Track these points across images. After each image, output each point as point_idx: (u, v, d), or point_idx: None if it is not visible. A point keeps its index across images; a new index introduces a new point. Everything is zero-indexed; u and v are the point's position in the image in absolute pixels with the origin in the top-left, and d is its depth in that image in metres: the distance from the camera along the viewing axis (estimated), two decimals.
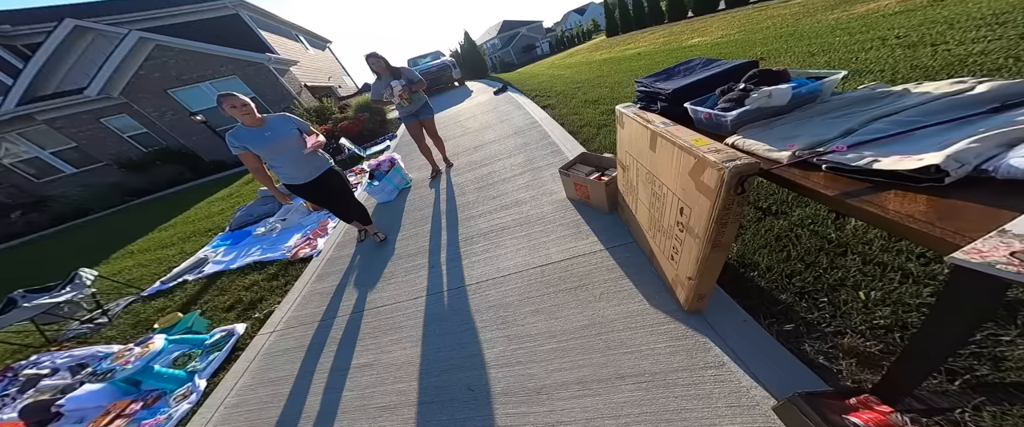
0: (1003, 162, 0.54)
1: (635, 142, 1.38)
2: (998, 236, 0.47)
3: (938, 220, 0.54)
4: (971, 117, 0.65)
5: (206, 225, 5.24)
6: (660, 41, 9.27)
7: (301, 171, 2.24)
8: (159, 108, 9.80)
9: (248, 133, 2.00)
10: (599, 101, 4.40)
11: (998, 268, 0.44)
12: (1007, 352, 0.92)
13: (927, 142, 0.64)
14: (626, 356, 1.31)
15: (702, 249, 1.06)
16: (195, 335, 2.33)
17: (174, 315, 2.64)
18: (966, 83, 0.77)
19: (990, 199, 0.54)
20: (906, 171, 0.60)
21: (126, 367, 1.94)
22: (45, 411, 1.96)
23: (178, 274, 3.62)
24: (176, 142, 10.62)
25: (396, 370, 1.62)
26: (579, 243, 2.00)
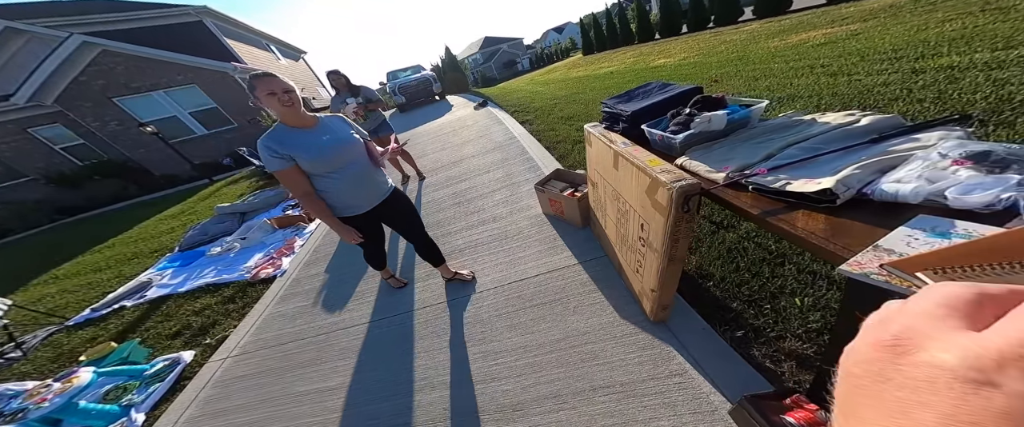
0: (878, 186, 0.69)
1: (601, 161, 1.53)
2: (872, 250, 0.60)
3: (833, 236, 0.68)
4: (856, 146, 0.82)
5: (152, 245, 4.89)
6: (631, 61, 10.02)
7: (364, 195, 1.59)
8: (101, 118, 9.23)
9: (295, 137, 1.36)
10: (574, 117, 4.67)
11: (871, 278, 0.56)
12: None
13: (826, 167, 0.80)
14: (598, 368, 1.39)
15: (661, 262, 1.18)
16: (132, 365, 2.16)
17: (107, 345, 2.44)
18: (854, 116, 0.96)
19: (870, 218, 0.68)
20: (809, 193, 0.74)
21: (42, 405, 1.75)
22: None
23: (114, 300, 3.34)
24: (120, 154, 9.98)
25: (366, 392, 1.60)
26: (554, 258, 2.09)
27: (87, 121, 9.16)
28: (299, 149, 1.36)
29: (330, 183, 1.48)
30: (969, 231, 0.56)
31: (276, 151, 1.34)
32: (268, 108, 1.31)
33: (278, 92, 1.29)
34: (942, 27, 3.89)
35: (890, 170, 0.73)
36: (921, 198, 0.63)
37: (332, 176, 1.47)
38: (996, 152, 0.62)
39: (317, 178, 1.46)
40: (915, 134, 0.79)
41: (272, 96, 1.28)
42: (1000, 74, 2.41)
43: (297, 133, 1.38)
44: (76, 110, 8.94)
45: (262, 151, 1.34)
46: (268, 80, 1.28)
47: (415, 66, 11.83)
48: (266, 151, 1.33)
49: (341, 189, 1.51)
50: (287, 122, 1.37)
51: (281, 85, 1.30)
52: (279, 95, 1.29)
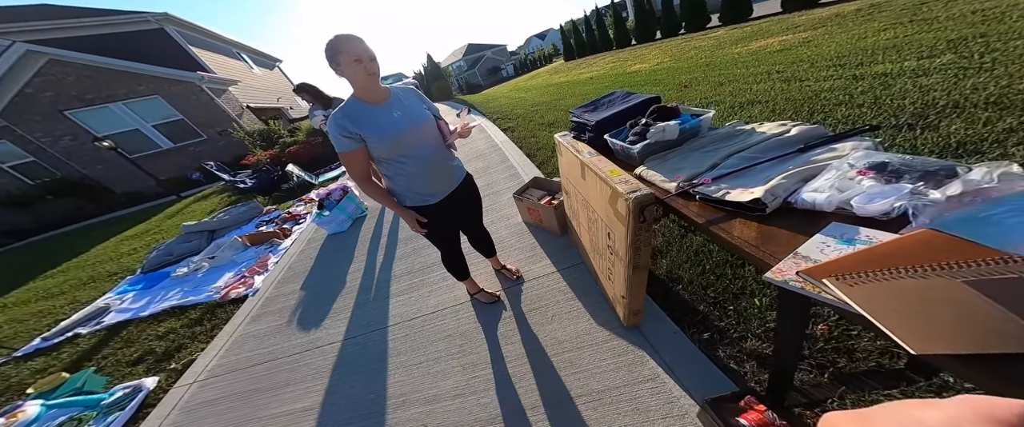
0: (799, 195, 0.79)
1: (571, 170, 1.61)
2: (792, 257, 0.67)
3: (762, 244, 0.76)
4: (786, 155, 0.92)
5: (111, 268, 4.68)
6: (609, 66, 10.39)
7: (439, 181, 1.41)
8: (51, 132, 8.79)
9: (369, 114, 1.20)
10: (554, 124, 4.81)
11: (791, 285, 0.61)
12: (855, 344, 1.19)
13: (759, 177, 0.89)
14: (576, 376, 1.44)
15: (626, 270, 1.25)
16: (87, 395, 2.08)
17: (58, 375, 2.34)
18: (786, 126, 1.06)
19: (794, 225, 0.76)
20: (744, 202, 0.83)
21: None
22: None
23: (68, 327, 3.19)
24: (75, 172, 9.49)
25: (342, 410, 1.60)
26: (535, 266, 2.15)
27: (36, 136, 8.70)
28: (372, 128, 1.18)
29: (400, 168, 1.27)
30: (870, 238, 0.64)
31: (348, 130, 1.16)
32: (349, 77, 1.13)
33: (364, 59, 1.11)
34: (878, 36, 4.26)
35: (811, 179, 0.82)
36: (833, 206, 0.72)
37: (402, 160, 1.26)
38: (892, 163, 0.72)
39: (385, 163, 1.27)
40: (834, 143, 0.89)
41: (358, 63, 1.10)
42: (925, 81, 2.66)
43: (371, 109, 1.20)
44: (23, 125, 8.48)
45: (332, 128, 1.18)
46: (355, 43, 1.09)
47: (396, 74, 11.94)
48: (337, 129, 1.17)
49: (413, 175, 1.30)
50: (364, 96, 1.20)
51: (368, 51, 1.12)
52: (365, 63, 1.12)
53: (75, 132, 8.93)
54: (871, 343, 1.17)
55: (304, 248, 3.55)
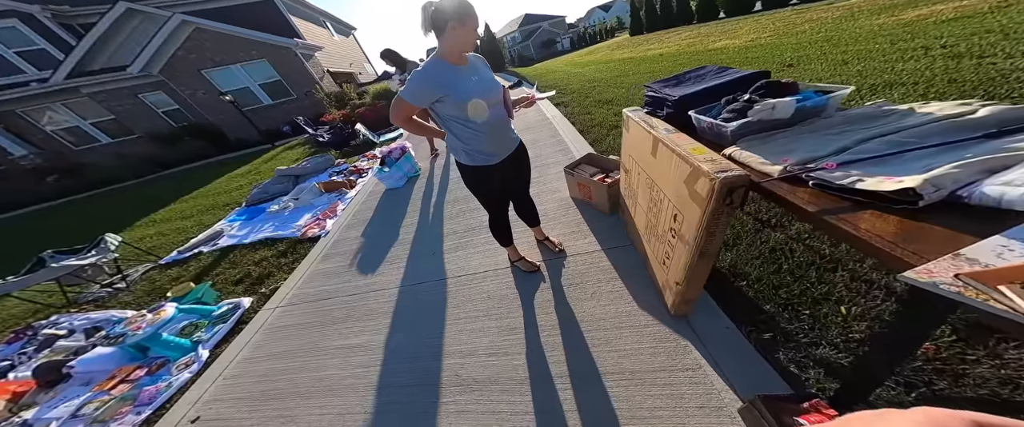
0: (977, 189, 0.54)
1: (638, 147, 1.39)
2: (951, 258, 0.48)
3: (902, 241, 0.55)
4: (964, 142, 0.64)
5: (224, 199, 5.45)
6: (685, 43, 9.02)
7: (501, 144, 1.42)
8: (192, 87, 10.28)
9: (454, 74, 1.22)
10: (613, 102, 4.36)
11: (942, 288, 0.45)
12: (969, 369, 0.94)
13: (913, 165, 0.63)
14: (610, 354, 1.36)
15: (691, 256, 1.06)
16: (204, 306, 2.41)
17: (187, 285, 2.72)
18: (970, 106, 0.75)
19: (958, 224, 0.54)
20: (885, 192, 0.60)
21: (136, 333, 2.02)
22: (56, 371, 2.05)
23: (194, 245, 3.78)
24: (205, 119, 11.07)
25: (389, 353, 1.67)
26: (578, 242, 2.01)
27: (181, 90, 10.26)
28: (454, 87, 1.21)
29: (469, 129, 1.30)
30: None
31: (426, 84, 1.19)
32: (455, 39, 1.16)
33: (472, 26, 1.16)
34: None
35: (1002, 171, 0.56)
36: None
37: (474, 122, 1.28)
38: None
39: (455, 121, 1.29)
40: None
41: (474, 30, 1.17)
42: None
43: (455, 70, 1.23)
44: (174, 81, 10.03)
45: (415, 81, 1.19)
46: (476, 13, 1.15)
47: None
48: (423, 83, 1.19)
49: (480, 136, 1.32)
50: (451, 59, 1.22)
51: (475, 16, 1.17)
52: (474, 31, 1.18)
53: (207, 88, 10.35)
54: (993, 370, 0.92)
55: (366, 199, 3.75)
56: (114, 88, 9.99)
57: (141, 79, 9.87)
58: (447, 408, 1.36)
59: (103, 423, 1.67)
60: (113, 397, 1.83)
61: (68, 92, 9.79)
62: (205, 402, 1.67)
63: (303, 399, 1.55)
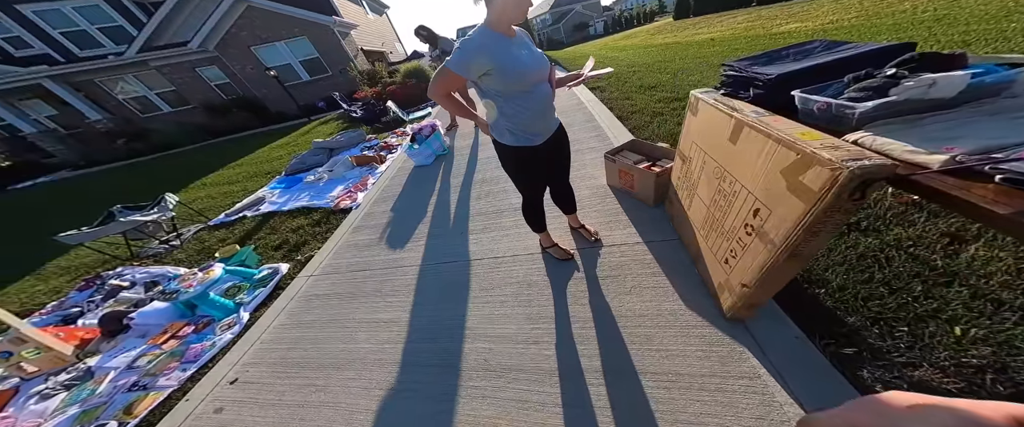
0: None
1: (709, 132, 1.17)
2: None
3: None
4: None
5: (266, 168, 5.64)
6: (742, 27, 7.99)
7: (545, 124, 1.30)
8: (241, 62, 10.73)
9: (503, 44, 1.09)
10: (657, 87, 3.98)
11: None
12: None
13: None
14: (650, 353, 1.24)
15: (773, 257, 0.87)
16: (246, 269, 2.47)
17: (232, 247, 2.81)
18: None
19: None
20: None
21: (188, 290, 2.08)
22: (118, 322, 2.17)
23: (239, 209, 3.92)
24: (251, 93, 11.56)
25: (415, 331, 1.61)
26: (615, 232, 1.83)
27: (232, 65, 10.74)
28: (504, 58, 1.08)
29: (515, 106, 1.17)
30: None
31: (473, 56, 1.06)
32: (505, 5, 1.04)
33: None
34: None
35: None
36: None
37: (521, 98, 1.16)
38: None
39: (501, 96, 1.16)
40: None
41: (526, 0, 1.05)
42: None
43: (504, 40, 1.10)
44: (226, 56, 10.52)
45: (463, 50, 1.07)
46: None
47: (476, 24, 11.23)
48: (469, 53, 1.06)
49: (525, 114, 1.19)
50: (501, 28, 1.09)
51: None
52: None
53: (254, 63, 10.75)
54: None
55: (395, 175, 3.70)
56: (176, 62, 10.66)
57: (199, 54, 10.41)
58: (472, 392, 1.28)
59: (153, 376, 1.75)
60: (164, 352, 1.91)
61: (138, 65, 10.56)
62: (243, 364, 1.70)
63: (333, 370, 1.54)
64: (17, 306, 2.90)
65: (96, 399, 1.68)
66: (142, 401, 1.61)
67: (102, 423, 1.53)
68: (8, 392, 1.85)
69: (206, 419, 1.46)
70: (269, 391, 1.51)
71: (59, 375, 1.90)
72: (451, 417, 1.22)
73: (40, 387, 1.84)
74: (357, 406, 1.34)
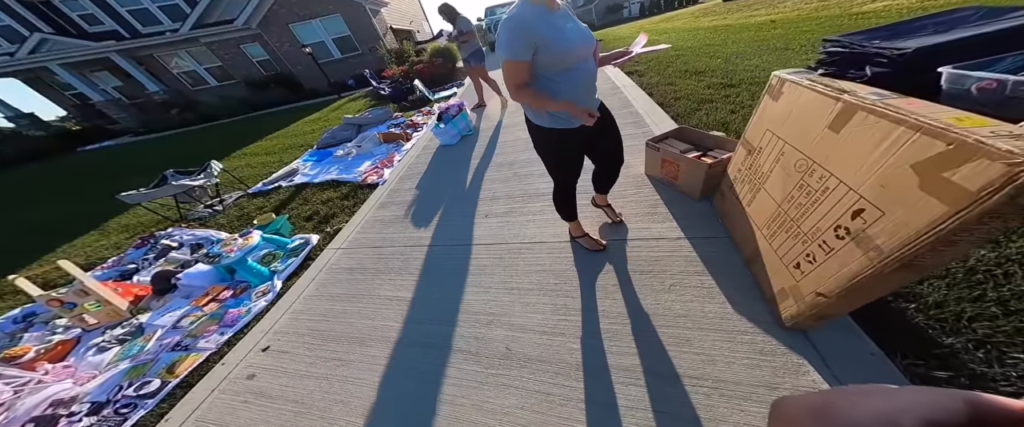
0: None
1: (797, 118, 0.96)
2: None
3: None
4: None
5: (300, 141, 5.74)
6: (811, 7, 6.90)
7: (589, 101, 1.20)
8: (280, 39, 10.93)
9: (549, 18, 1.00)
10: (706, 73, 3.59)
11: None
12: None
13: None
14: (690, 356, 1.13)
15: (875, 267, 0.71)
16: (280, 237, 2.51)
17: (269, 215, 2.88)
18: None
19: None
20: None
21: (230, 255, 2.14)
22: (167, 281, 2.26)
23: (275, 179, 4.02)
24: (288, 69, 11.84)
25: (438, 312, 1.56)
26: (653, 225, 1.67)
27: (272, 42, 10.97)
28: (552, 32, 0.98)
29: (560, 84, 1.07)
30: None
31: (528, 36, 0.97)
32: None
33: None
34: None
35: None
36: None
37: (563, 76, 1.07)
38: None
39: (544, 77, 1.07)
40: None
41: None
42: None
43: (549, 14, 1.00)
44: (267, 33, 10.76)
45: (509, 31, 0.98)
46: None
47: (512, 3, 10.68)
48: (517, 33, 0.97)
49: (566, 94, 1.10)
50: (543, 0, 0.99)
51: None
52: None
53: (291, 41, 10.92)
54: None
55: (420, 153, 3.63)
56: (223, 39, 11.08)
57: (243, 31, 10.75)
58: (494, 381, 1.22)
59: (194, 338, 1.81)
60: (205, 314, 1.98)
61: (190, 41, 11.08)
62: (275, 332, 1.72)
63: (358, 345, 1.52)
64: (83, 259, 3.14)
65: (144, 356, 1.77)
66: (183, 361, 1.67)
67: (148, 380, 1.60)
68: (70, 342, 1.99)
69: (239, 384, 1.48)
70: (298, 361, 1.52)
71: (115, 329, 2.02)
72: (472, 403, 1.16)
73: (98, 339, 1.96)
74: (381, 384, 1.31)
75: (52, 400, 1.55)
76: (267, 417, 1.30)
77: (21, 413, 1.48)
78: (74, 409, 1.51)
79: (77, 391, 1.61)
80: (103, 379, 1.66)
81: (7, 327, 2.26)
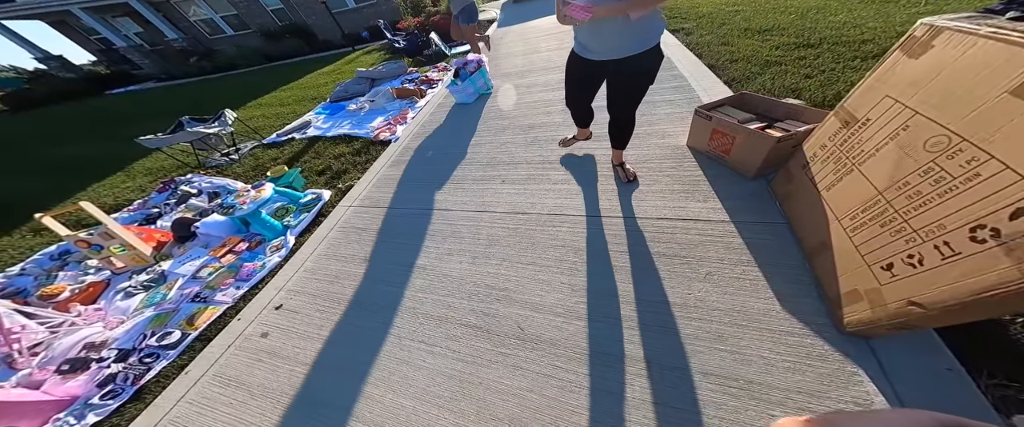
0: None
1: (953, 81, 0.69)
2: None
3: None
4: None
5: (313, 93, 5.55)
6: None
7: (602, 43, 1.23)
8: None
9: None
10: (773, 31, 3.03)
11: None
12: None
13: None
14: (719, 353, 1.02)
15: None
16: (293, 191, 2.45)
17: (281, 167, 2.80)
18: None
19: None
20: None
21: (243, 207, 2.09)
22: (187, 228, 2.26)
23: (289, 131, 3.92)
24: (301, 19, 11.28)
25: (449, 282, 1.47)
26: (691, 205, 1.46)
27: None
28: None
29: None
30: None
31: None
32: None
33: None
34: None
35: None
36: None
37: None
38: None
39: None
40: None
41: None
42: None
43: None
44: None
45: None
46: None
47: None
48: None
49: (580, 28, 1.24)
50: None
51: None
52: None
53: None
54: None
55: (434, 111, 3.39)
56: None
57: None
58: (504, 360, 1.15)
59: (212, 290, 1.82)
60: (222, 265, 1.99)
61: None
62: (288, 291, 1.70)
63: (369, 311, 1.47)
64: (111, 200, 3.23)
65: (167, 305, 1.80)
66: (202, 313, 1.68)
67: (169, 331, 1.62)
68: (101, 284, 2.06)
69: (253, 341, 1.48)
70: (309, 323, 1.49)
71: (140, 275, 2.07)
72: (480, 381, 1.10)
73: (124, 284, 2.01)
74: (389, 354, 1.27)
75: (85, 343, 1.61)
76: (279, 377, 1.30)
77: (57, 353, 1.55)
78: (104, 354, 1.57)
79: (107, 335, 1.66)
80: (129, 326, 1.70)
81: (45, 263, 2.37)
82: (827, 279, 0.98)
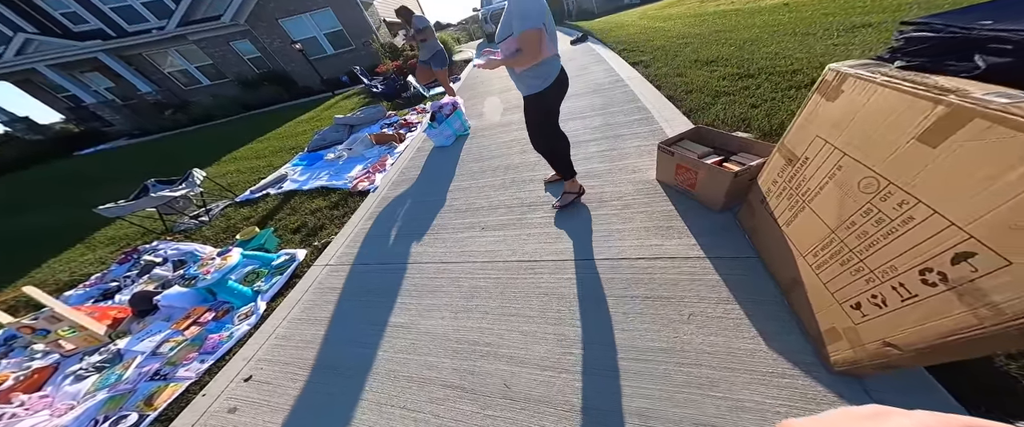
0: None
1: (866, 125, 0.76)
2: None
3: None
4: None
5: (291, 143, 5.55)
6: None
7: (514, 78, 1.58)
8: (270, 35, 10.60)
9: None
10: (718, 62, 3.34)
11: None
12: None
13: None
14: (714, 401, 0.99)
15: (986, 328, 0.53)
16: (265, 253, 2.35)
17: (252, 229, 2.71)
18: None
19: None
20: None
21: (206, 277, 2.00)
22: (148, 302, 2.12)
23: (263, 186, 3.85)
24: (279, 66, 11.52)
25: (430, 340, 1.41)
26: (668, 242, 1.49)
27: (262, 38, 10.64)
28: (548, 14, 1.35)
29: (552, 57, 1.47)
30: None
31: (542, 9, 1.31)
32: None
33: None
34: None
35: None
36: None
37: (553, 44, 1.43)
38: None
39: None
40: None
41: None
42: None
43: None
44: (256, 28, 10.42)
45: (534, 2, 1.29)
46: None
47: None
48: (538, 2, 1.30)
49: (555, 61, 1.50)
50: None
51: None
52: None
53: (282, 36, 10.58)
54: None
55: (413, 156, 3.44)
56: (212, 36, 10.73)
57: (232, 28, 10.40)
58: (491, 423, 1.08)
59: (174, 366, 1.69)
60: (185, 338, 1.85)
61: (179, 39, 10.75)
62: (258, 360, 1.59)
63: (345, 377, 1.38)
64: (67, 275, 3.01)
65: (123, 386, 1.64)
66: (162, 392, 1.54)
67: (125, 414, 1.48)
68: (49, 369, 1.87)
69: (220, 417, 1.37)
70: (282, 394, 1.39)
71: (93, 356, 1.89)
72: None
73: (75, 367, 1.83)
74: (369, 423, 1.18)
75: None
76: None
77: None
78: None
79: (54, 424, 1.51)
80: (79, 411, 1.54)
81: None
82: (806, 316, 1.00)
